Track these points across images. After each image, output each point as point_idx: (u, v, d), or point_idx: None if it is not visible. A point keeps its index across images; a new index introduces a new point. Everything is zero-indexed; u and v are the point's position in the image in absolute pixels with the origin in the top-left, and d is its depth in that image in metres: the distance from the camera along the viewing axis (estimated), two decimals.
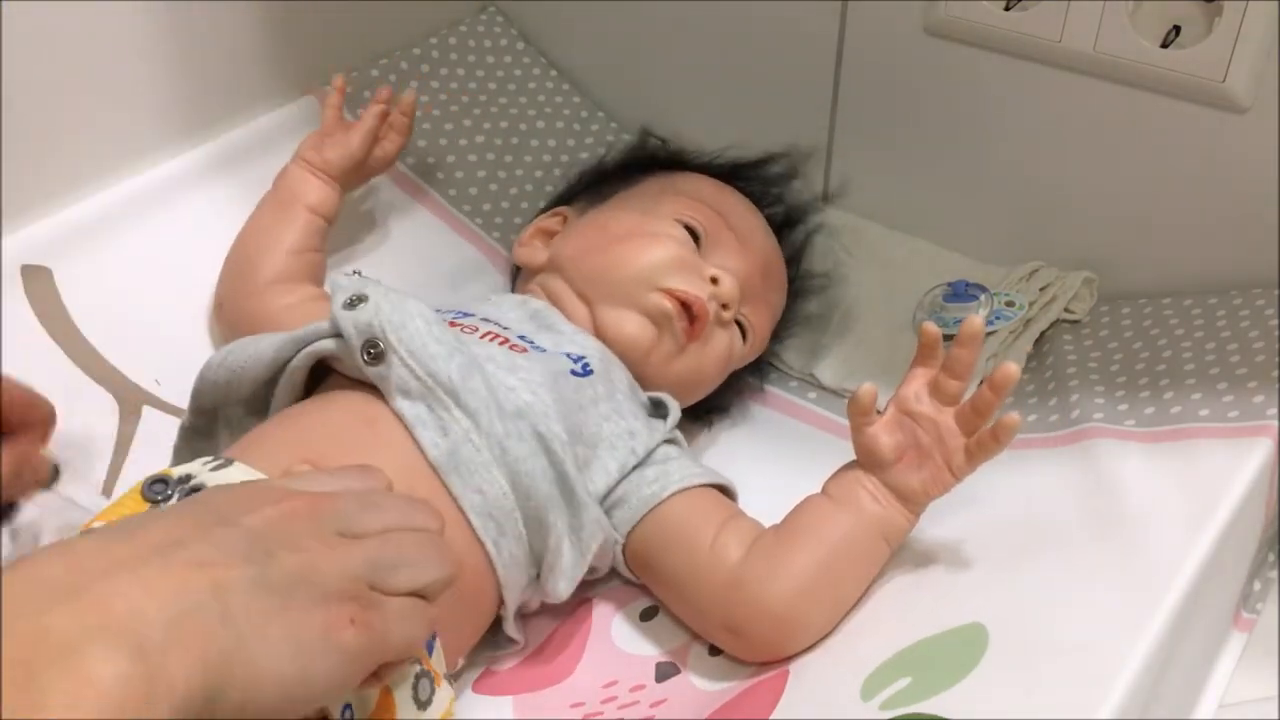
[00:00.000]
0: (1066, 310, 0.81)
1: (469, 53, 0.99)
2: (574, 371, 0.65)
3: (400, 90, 0.87)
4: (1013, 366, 0.58)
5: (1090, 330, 0.79)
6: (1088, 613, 0.53)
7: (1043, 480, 0.65)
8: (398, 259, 0.86)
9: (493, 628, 0.62)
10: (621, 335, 0.70)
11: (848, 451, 0.63)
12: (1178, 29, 0.72)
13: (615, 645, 0.65)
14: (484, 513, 0.58)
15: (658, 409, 0.70)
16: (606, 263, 0.72)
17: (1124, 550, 0.56)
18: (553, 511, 0.59)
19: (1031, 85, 0.80)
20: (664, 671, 0.63)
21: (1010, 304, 0.81)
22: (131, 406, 0.70)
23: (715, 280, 0.72)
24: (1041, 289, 0.82)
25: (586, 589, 0.66)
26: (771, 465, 0.75)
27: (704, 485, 0.65)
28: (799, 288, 0.83)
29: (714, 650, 0.63)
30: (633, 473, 0.65)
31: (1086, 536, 0.59)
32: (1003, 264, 0.86)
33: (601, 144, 0.98)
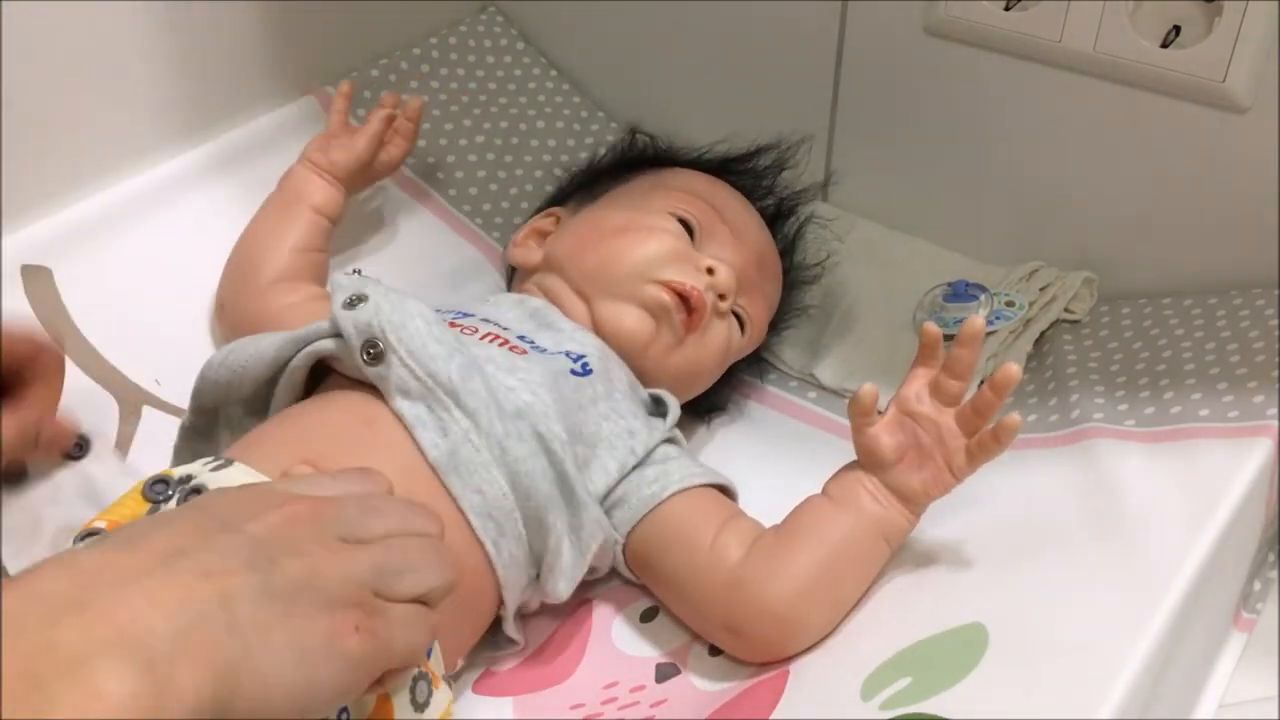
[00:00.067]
0: (1066, 310, 0.81)
1: (469, 53, 0.99)
2: (573, 371, 0.65)
3: (401, 91, 0.87)
4: (1013, 367, 0.58)
5: (1090, 330, 0.79)
6: (1088, 613, 0.53)
7: (1043, 480, 0.65)
8: (398, 259, 0.86)
9: (492, 628, 0.62)
10: (620, 329, 0.70)
11: (848, 451, 0.63)
12: (1178, 29, 0.72)
13: (615, 646, 0.65)
14: (483, 513, 0.58)
15: (658, 406, 0.70)
16: (602, 258, 0.72)
17: (1124, 550, 0.56)
18: (552, 511, 0.59)
19: (1031, 85, 0.80)
20: (664, 672, 0.63)
21: (1010, 304, 0.81)
22: (131, 406, 0.70)
23: (711, 271, 0.72)
24: (1041, 289, 0.82)
25: (586, 589, 0.66)
26: (771, 465, 0.75)
27: (704, 485, 0.65)
28: (794, 279, 0.83)
29: (714, 651, 0.63)
30: (633, 472, 0.65)
31: (1086, 536, 0.59)
32: (1003, 264, 0.86)
33: (601, 144, 0.98)
